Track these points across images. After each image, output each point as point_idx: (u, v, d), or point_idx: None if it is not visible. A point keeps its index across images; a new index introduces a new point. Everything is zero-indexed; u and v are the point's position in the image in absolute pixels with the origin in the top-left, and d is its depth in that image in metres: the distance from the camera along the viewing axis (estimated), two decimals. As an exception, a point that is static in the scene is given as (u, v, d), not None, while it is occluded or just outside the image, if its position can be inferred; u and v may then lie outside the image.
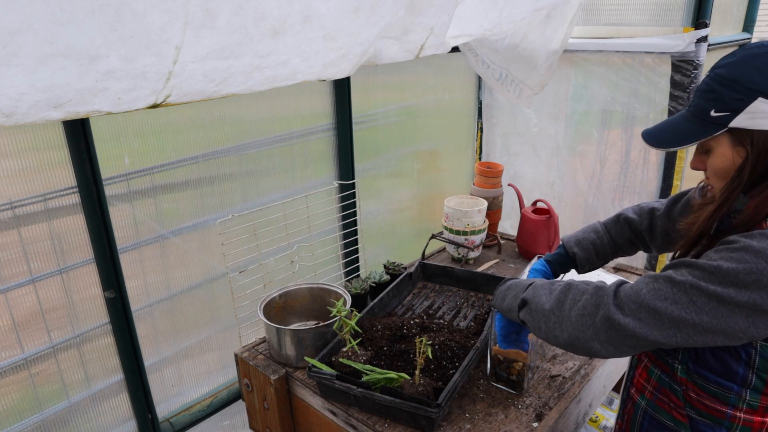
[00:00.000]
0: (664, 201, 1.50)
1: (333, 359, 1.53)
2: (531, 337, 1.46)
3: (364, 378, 1.43)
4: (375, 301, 1.82)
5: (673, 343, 1.02)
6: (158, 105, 1.18)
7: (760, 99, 0.97)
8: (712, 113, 1.03)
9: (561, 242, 1.61)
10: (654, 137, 1.14)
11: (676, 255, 1.20)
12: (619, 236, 1.56)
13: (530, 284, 1.30)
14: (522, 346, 1.45)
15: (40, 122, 1.01)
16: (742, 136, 1.02)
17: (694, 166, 1.16)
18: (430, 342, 1.56)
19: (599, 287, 1.14)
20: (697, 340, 1.00)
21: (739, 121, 1.00)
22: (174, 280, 1.87)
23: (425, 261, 2.23)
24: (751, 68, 0.99)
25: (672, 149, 1.12)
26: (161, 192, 1.76)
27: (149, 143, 1.70)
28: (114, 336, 1.71)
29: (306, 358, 1.53)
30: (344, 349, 1.55)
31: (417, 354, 1.44)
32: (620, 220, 1.56)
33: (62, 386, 1.65)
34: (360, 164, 2.36)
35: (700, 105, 1.06)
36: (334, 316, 1.54)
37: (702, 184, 1.29)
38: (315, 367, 1.48)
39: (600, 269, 2.19)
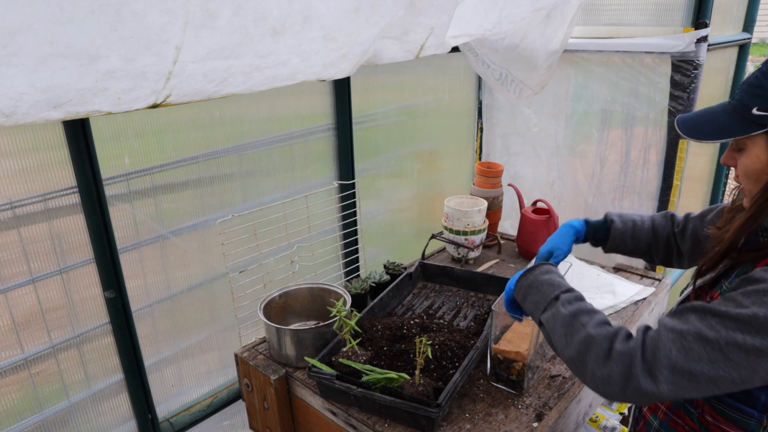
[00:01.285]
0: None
1: (333, 359, 1.53)
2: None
3: (364, 378, 1.43)
4: (375, 301, 1.82)
5: (710, 395, 0.97)
6: (158, 105, 1.18)
7: None
8: (755, 111, 0.97)
9: (605, 214, 1.57)
10: (688, 126, 1.08)
11: (702, 269, 1.14)
12: (661, 229, 1.49)
13: (550, 301, 1.18)
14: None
15: (40, 122, 1.01)
16: None
17: (725, 162, 1.10)
18: (430, 342, 1.56)
19: (623, 351, 1.00)
20: (735, 389, 0.94)
21: None
22: (174, 280, 1.87)
23: (425, 261, 2.23)
24: None
25: (705, 142, 1.06)
26: (161, 192, 1.76)
27: (149, 143, 1.70)
28: (114, 336, 1.71)
29: (306, 358, 1.53)
30: (344, 349, 1.55)
31: (417, 354, 1.44)
32: (666, 215, 1.51)
33: (62, 386, 1.65)
34: (360, 164, 2.36)
35: (743, 100, 1.00)
36: (334, 316, 1.54)
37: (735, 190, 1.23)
38: (315, 367, 1.48)
39: (601, 270, 2.19)
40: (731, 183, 2.01)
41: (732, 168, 1.11)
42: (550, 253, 1.48)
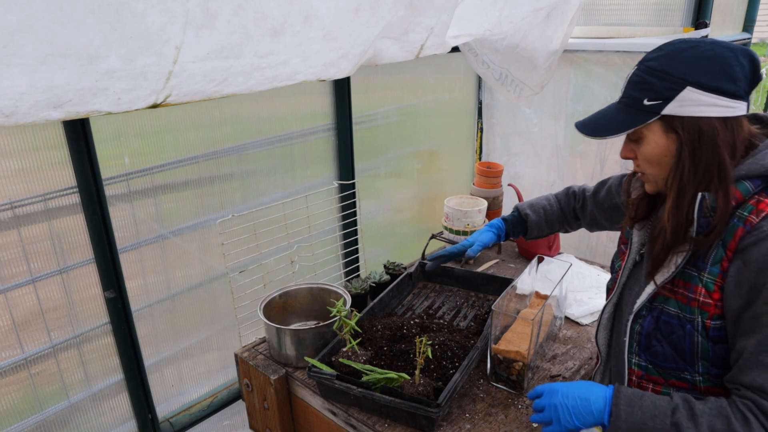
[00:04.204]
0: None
1: (333, 359, 1.53)
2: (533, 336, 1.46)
3: (364, 378, 1.43)
4: (375, 301, 1.82)
5: None
6: (158, 105, 1.18)
7: (688, 88, 1.05)
8: (646, 102, 1.09)
9: (515, 207, 1.76)
10: (590, 128, 1.18)
11: (655, 266, 1.16)
12: (567, 207, 1.70)
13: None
14: None
15: (40, 122, 1.01)
16: (673, 123, 1.08)
17: (625, 155, 1.20)
18: (430, 342, 1.56)
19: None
20: None
21: (671, 109, 1.07)
22: (174, 280, 1.87)
23: (425, 261, 2.23)
24: (679, 60, 1.07)
25: (608, 137, 1.15)
26: (161, 192, 1.76)
27: (149, 143, 1.70)
28: (114, 336, 1.71)
29: (306, 358, 1.53)
30: (344, 349, 1.55)
31: (417, 354, 1.44)
32: (568, 192, 1.71)
33: (62, 386, 1.65)
34: (360, 164, 2.36)
35: (633, 95, 1.12)
36: (334, 316, 1.54)
37: (624, 175, 1.34)
38: (315, 367, 1.48)
39: (601, 270, 2.18)
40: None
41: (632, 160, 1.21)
42: (471, 243, 1.70)
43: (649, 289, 1.18)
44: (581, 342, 1.75)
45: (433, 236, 2.36)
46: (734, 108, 1.05)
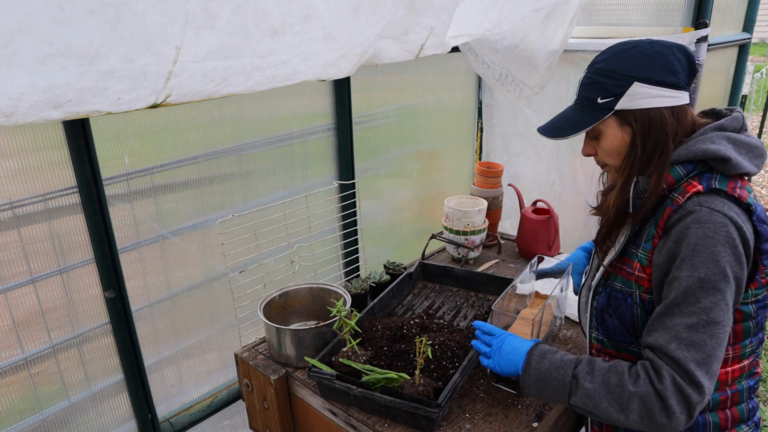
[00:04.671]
0: None
1: (333, 359, 1.53)
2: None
3: (364, 378, 1.43)
4: (375, 301, 1.82)
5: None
6: (158, 105, 1.18)
7: (636, 83, 1.16)
8: (599, 101, 1.20)
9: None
10: (551, 131, 1.29)
11: (601, 245, 1.30)
12: None
13: (570, 384, 1.19)
14: None
15: (40, 122, 1.01)
16: (626, 117, 1.19)
17: (586, 153, 1.31)
18: (430, 342, 1.56)
19: (666, 388, 1.07)
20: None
21: (623, 104, 1.18)
22: (174, 280, 1.87)
23: (425, 261, 2.23)
24: (624, 60, 1.18)
25: (569, 137, 1.24)
26: (161, 192, 1.76)
27: (149, 143, 1.70)
28: (114, 336, 1.71)
29: (306, 358, 1.53)
30: (344, 349, 1.55)
31: (417, 354, 1.44)
32: None
33: (62, 386, 1.65)
34: (360, 164, 2.36)
35: (587, 96, 1.23)
36: (334, 315, 1.54)
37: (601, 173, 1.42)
38: (315, 367, 1.48)
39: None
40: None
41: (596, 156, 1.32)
42: (569, 263, 1.69)
43: (601, 267, 1.31)
44: (581, 342, 1.75)
45: (433, 236, 2.36)
46: (678, 97, 1.17)
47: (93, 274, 1.63)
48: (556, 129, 1.28)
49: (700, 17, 2.28)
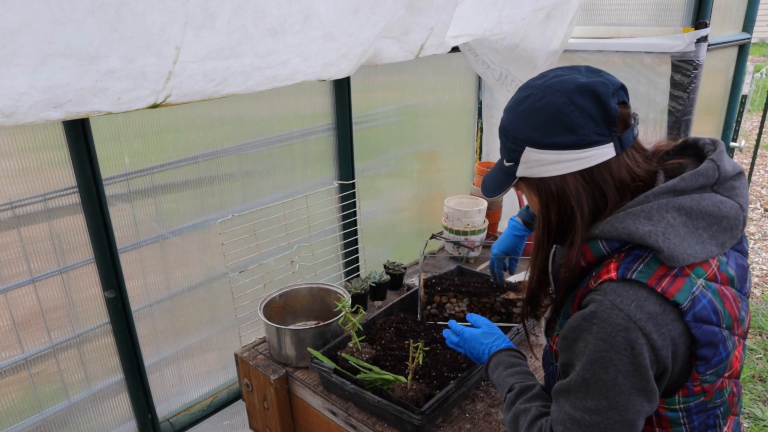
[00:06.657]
0: None
1: (339, 353, 1.54)
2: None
3: (359, 376, 1.43)
4: (394, 301, 1.83)
5: None
6: (158, 105, 1.18)
7: (527, 148, 0.96)
8: (505, 163, 1.03)
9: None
10: (483, 186, 1.14)
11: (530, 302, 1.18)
12: None
13: (505, 400, 1.18)
14: None
15: (40, 122, 1.01)
16: (530, 184, 1.01)
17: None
18: (427, 348, 1.55)
19: None
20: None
21: (522, 171, 1.00)
22: (174, 280, 1.87)
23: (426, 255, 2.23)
24: (516, 115, 0.99)
25: (494, 198, 1.11)
26: (161, 192, 1.76)
27: (149, 143, 1.70)
28: (114, 336, 1.71)
29: (309, 349, 1.54)
30: (350, 344, 1.55)
31: (409, 359, 1.43)
32: None
33: (62, 386, 1.65)
34: (360, 164, 2.36)
35: (501, 153, 1.06)
36: (339, 311, 1.55)
37: None
38: (317, 358, 1.49)
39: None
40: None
41: None
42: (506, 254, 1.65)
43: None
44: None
45: (433, 236, 2.36)
46: (587, 158, 0.93)
47: (93, 274, 1.63)
48: (487, 188, 1.13)
49: (700, 17, 2.28)
